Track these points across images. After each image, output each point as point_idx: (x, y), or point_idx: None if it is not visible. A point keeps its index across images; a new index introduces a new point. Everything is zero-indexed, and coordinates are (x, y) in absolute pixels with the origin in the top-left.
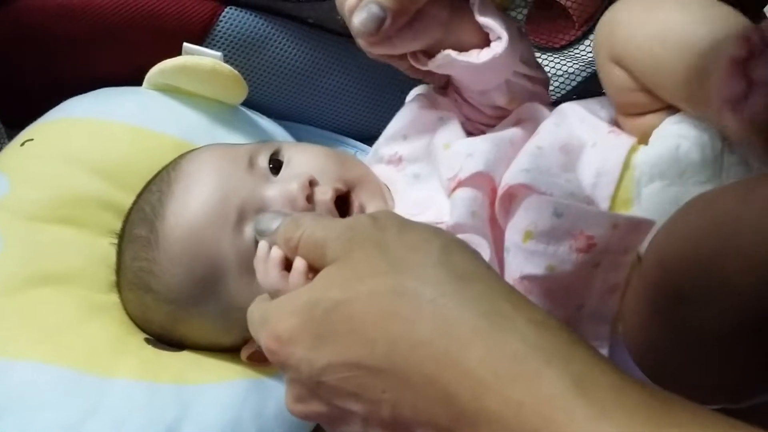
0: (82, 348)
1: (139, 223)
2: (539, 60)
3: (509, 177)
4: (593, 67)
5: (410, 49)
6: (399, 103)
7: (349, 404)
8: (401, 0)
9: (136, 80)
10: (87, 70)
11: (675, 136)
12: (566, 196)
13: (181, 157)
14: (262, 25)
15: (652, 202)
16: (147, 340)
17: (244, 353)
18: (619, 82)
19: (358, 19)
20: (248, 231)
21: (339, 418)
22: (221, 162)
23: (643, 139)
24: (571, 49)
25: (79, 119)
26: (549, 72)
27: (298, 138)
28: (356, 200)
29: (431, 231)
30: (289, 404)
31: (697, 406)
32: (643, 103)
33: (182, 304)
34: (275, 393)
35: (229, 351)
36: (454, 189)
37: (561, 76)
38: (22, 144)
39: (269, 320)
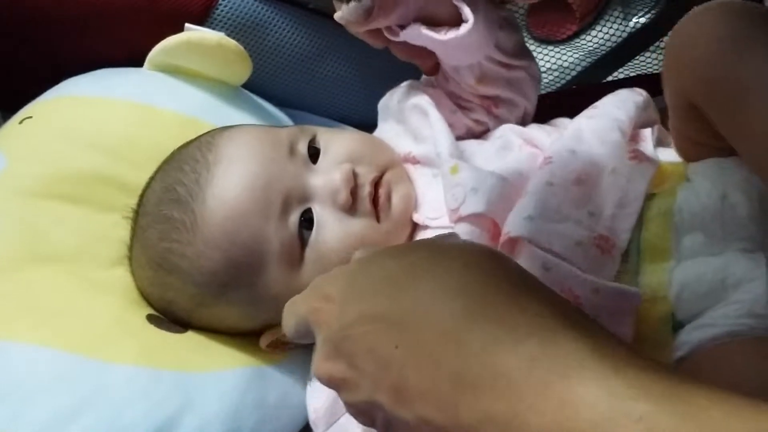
0: (82, 330)
1: (170, 203)
2: (538, 51)
3: (511, 224)
4: (593, 57)
5: (388, 24)
6: None
7: (365, 362)
8: None
9: (135, 64)
10: (86, 53)
11: (722, 182)
12: (571, 245)
13: (215, 137)
14: (262, 8)
15: (693, 262)
16: (149, 318)
17: (264, 341)
18: (687, 120)
19: (347, 9)
20: (292, 220)
21: (353, 382)
22: (262, 146)
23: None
24: (572, 41)
25: (78, 97)
26: (549, 63)
27: (297, 124)
28: (386, 183)
29: None
30: (316, 364)
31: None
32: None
33: (212, 289)
34: (277, 382)
35: (240, 336)
36: (455, 221)
37: (561, 66)
38: (21, 122)
39: (318, 283)
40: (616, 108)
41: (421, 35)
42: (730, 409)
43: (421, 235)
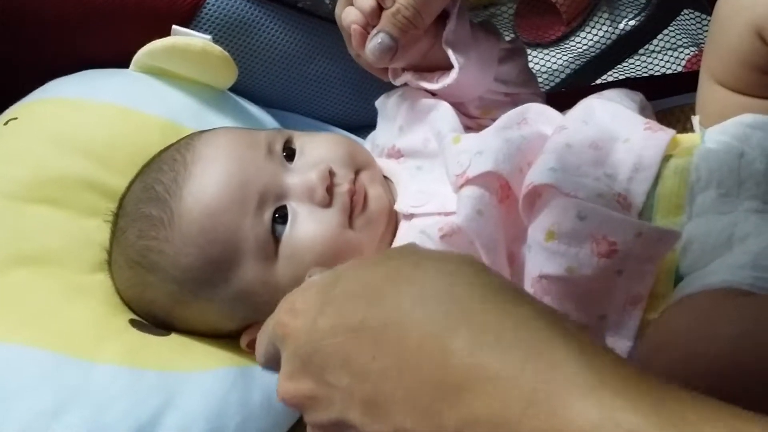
0: (65, 331)
1: (148, 201)
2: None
3: (535, 176)
4: (582, 60)
5: (401, 65)
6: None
7: (337, 377)
8: (411, 31)
9: (122, 64)
10: (71, 52)
11: (739, 141)
12: (594, 197)
13: (194, 138)
14: (250, 8)
15: (703, 219)
16: (132, 322)
17: (244, 340)
18: (749, 54)
19: (370, 51)
20: (267, 217)
21: (322, 399)
22: (241, 146)
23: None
24: (560, 44)
25: (64, 99)
26: (537, 66)
27: (284, 125)
28: (361, 183)
29: None
30: (280, 384)
31: (700, 395)
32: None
33: (190, 286)
34: (261, 382)
35: (222, 337)
36: (461, 186)
37: (549, 69)
38: (6, 123)
39: (289, 297)
40: (621, 96)
41: (413, 83)
42: (721, 425)
43: (405, 226)
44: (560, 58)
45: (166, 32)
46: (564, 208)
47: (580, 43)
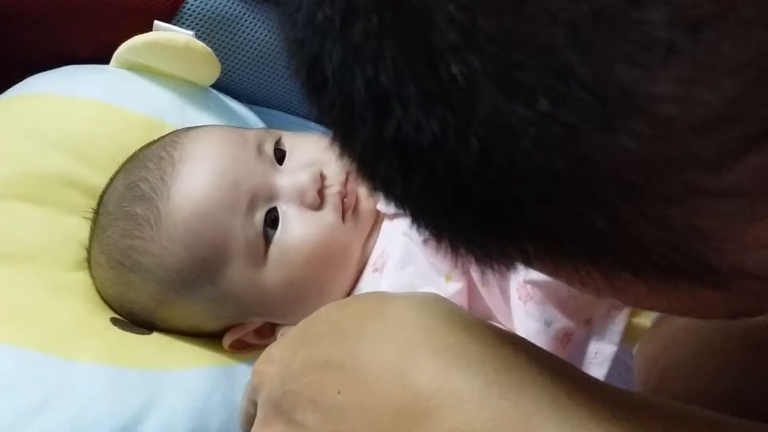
0: (46, 329)
1: (133, 200)
2: None
3: None
4: None
5: None
6: None
7: (305, 415)
8: None
9: (102, 60)
10: (51, 48)
11: None
12: None
13: (180, 136)
14: (232, 4)
15: None
16: (114, 321)
17: (227, 341)
18: None
19: None
20: (258, 218)
21: None
22: (230, 145)
23: None
24: None
25: (43, 95)
26: None
27: (267, 122)
28: (352, 184)
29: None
30: (254, 430)
31: (675, 405)
32: None
33: (175, 286)
34: (244, 381)
35: (204, 337)
36: None
37: None
38: None
39: (267, 349)
40: None
41: None
42: None
43: (388, 226)
44: None
45: (148, 28)
46: None
47: None
